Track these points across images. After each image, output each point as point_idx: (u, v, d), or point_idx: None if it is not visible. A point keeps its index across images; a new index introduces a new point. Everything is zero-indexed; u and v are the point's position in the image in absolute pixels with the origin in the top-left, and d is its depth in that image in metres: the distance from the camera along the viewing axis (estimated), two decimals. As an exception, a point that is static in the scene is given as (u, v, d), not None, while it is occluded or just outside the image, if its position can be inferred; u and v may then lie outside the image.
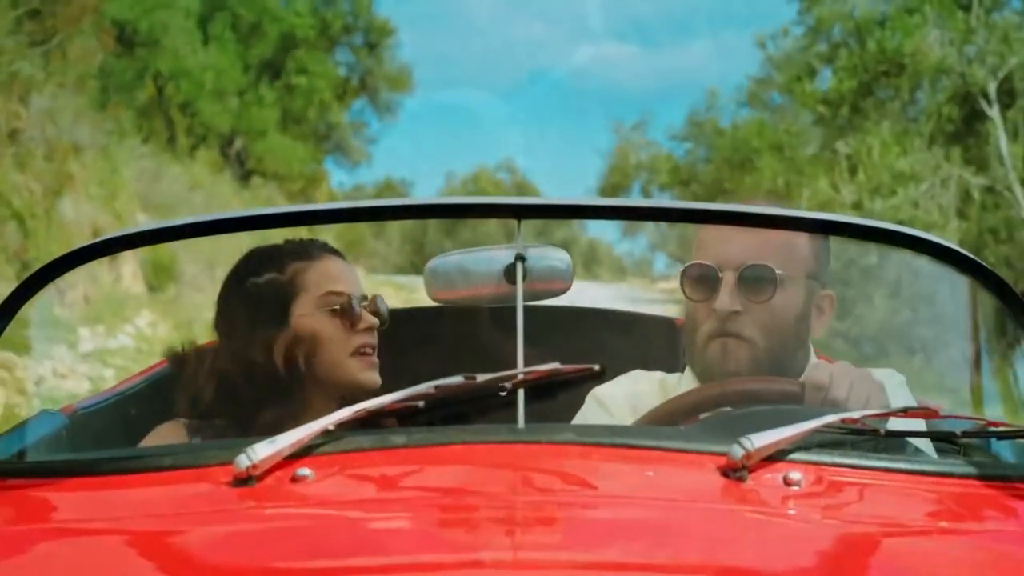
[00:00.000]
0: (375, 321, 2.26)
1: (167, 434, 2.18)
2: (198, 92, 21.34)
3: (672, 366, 2.31)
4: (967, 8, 20.56)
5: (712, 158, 28.01)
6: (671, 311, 3.00)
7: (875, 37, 21.08)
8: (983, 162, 20.05)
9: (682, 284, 2.16)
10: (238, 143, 24.77)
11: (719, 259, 2.12)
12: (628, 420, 2.08)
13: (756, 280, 2.10)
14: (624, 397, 2.22)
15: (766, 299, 2.10)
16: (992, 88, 19.79)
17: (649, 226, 34.21)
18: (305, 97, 28.38)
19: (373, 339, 2.26)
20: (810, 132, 21.91)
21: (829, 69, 22.15)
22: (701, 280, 2.13)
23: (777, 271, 2.08)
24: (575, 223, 42.82)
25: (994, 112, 19.75)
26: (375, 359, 2.26)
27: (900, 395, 2.01)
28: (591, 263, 48.21)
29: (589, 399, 2.23)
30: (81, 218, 12.66)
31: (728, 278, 2.10)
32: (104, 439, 2.26)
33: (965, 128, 20.61)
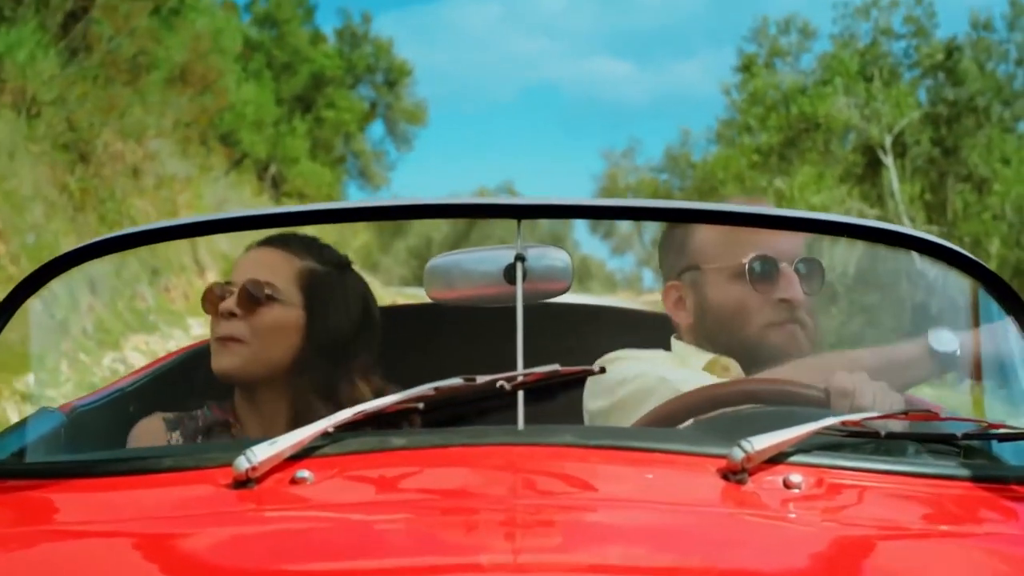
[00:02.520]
0: (230, 307, 1.76)
1: (147, 429, 1.80)
2: (239, 123, 20.24)
3: None
4: (869, 80, 21.72)
5: (685, 187, 27.68)
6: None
7: (798, 103, 22.06)
8: (879, 198, 21.44)
9: (748, 274, 1.79)
10: (273, 168, 23.61)
11: (776, 252, 1.79)
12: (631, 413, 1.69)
13: (810, 271, 1.79)
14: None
15: (818, 290, 1.81)
16: (888, 142, 21.04)
17: (636, 245, 33.41)
18: (333, 128, 27.42)
19: (232, 326, 1.75)
20: (761, 168, 22.23)
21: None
22: (764, 271, 1.78)
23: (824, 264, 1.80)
24: (569, 243, 41.74)
25: (889, 160, 20.97)
26: (233, 344, 1.76)
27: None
28: (584, 278, 46.45)
29: (593, 387, 1.81)
30: (186, 236, 12.53)
31: (787, 269, 1.78)
32: (103, 437, 1.85)
33: (867, 172, 21.90)
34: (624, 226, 35.47)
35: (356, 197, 31.15)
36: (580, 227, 53.01)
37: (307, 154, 25.21)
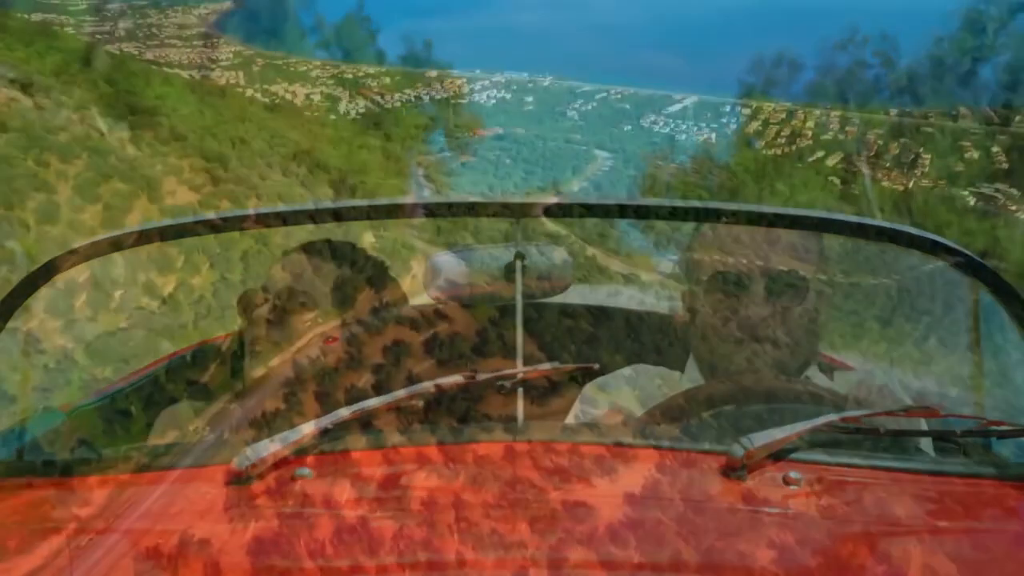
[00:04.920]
0: (263, 314, 1.50)
1: (173, 416, 1.54)
2: (317, 140, 19.88)
3: (672, 363, 1.51)
4: (846, 102, 22.41)
5: (709, 187, 27.62)
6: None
7: (790, 122, 22.81)
8: (855, 199, 21.40)
9: (709, 289, 1.37)
10: (349, 180, 23.16)
11: (748, 264, 1.36)
12: (630, 410, 1.38)
13: (785, 286, 1.34)
14: (625, 389, 1.46)
15: (794, 305, 1.34)
16: (862, 151, 21.76)
17: (679, 239, 32.21)
18: (400, 142, 26.89)
19: (266, 333, 1.49)
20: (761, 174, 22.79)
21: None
22: (731, 285, 1.37)
23: (804, 276, 1.34)
24: (621, 238, 40.09)
25: (863, 167, 21.38)
26: (267, 351, 1.49)
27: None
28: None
29: (590, 388, 1.46)
30: (283, 241, 12.55)
31: (758, 285, 1.35)
32: (104, 436, 1.58)
33: (846, 177, 22.03)
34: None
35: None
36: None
37: (378, 166, 24.79)
